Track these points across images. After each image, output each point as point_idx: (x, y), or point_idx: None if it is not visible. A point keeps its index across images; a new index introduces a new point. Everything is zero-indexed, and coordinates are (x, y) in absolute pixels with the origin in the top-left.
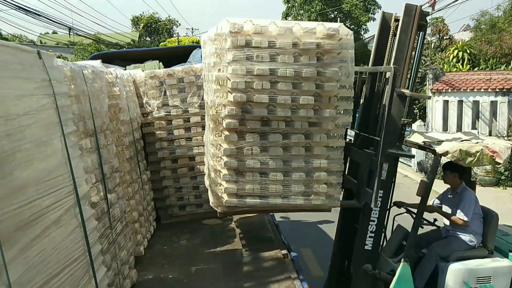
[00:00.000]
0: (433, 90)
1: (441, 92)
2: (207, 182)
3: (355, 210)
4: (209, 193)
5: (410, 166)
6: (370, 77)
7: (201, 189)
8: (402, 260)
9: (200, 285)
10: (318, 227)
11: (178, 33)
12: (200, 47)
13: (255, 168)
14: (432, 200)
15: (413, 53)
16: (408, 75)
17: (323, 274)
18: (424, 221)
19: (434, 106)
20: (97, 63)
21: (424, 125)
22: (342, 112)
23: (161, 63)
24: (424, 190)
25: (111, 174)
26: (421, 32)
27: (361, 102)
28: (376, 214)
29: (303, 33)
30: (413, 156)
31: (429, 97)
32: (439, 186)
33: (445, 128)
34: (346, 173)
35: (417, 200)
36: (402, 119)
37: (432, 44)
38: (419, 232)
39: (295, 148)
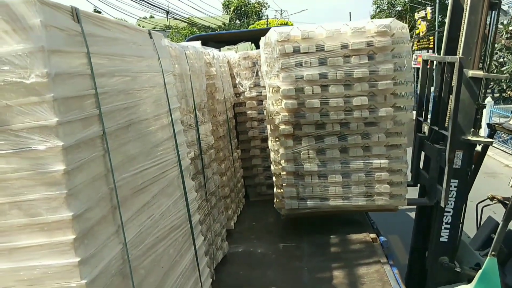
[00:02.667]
0: None
1: None
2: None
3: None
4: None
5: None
6: (440, 66)
7: None
8: (489, 254)
9: (288, 261)
10: (406, 214)
11: (267, 16)
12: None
13: (313, 171)
14: None
15: (487, 32)
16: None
17: None
18: None
19: None
20: (197, 44)
21: None
22: (403, 108)
23: (253, 44)
24: None
25: (207, 150)
26: (493, 12)
27: (432, 93)
28: (452, 204)
29: (352, 34)
30: (491, 143)
31: (507, 77)
32: None
33: None
34: (421, 168)
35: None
36: (477, 102)
37: None
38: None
39: (352, 149)
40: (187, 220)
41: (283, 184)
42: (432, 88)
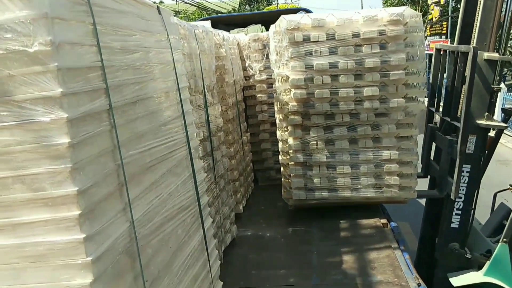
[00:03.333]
0: None
1: None
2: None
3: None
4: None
5: None
6: (453, 55)
7: None
8: (501, 240)
9: (297, 245)
10: (416, 201)
11: (277, 1)
12: (304, 10)
13: (322, 162)
14: None
15: (502, 18)
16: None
17: None
18: None
19: None
20: (207, 23)
21: None
22: (414, 98)
23: (263, 27)
24: None
25: (216, 132)
26: None
27: (444, 83)
28: (463, 190)
29: (364, 22)
30: (505, 127)
31: None
32: None
33: None
34: (432, 159)
35: None
36: (492, 86)
37: None
38: None
39: (362, 140)
40: (195, 201)
41: (291, 175)
42: (445, 78)
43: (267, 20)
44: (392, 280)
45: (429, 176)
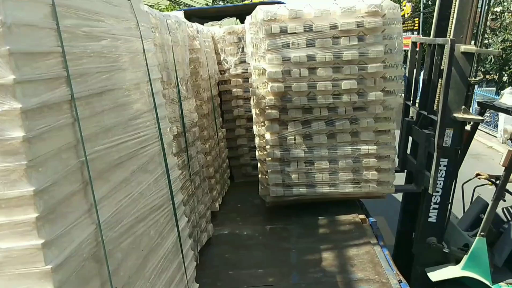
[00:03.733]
0: None
1: None
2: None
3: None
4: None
5: (496, 136)
6: (429, 48)
7: None
8: (478, 234)
9: (275, 243)
10: (392, 196)
11: None
12: (281, 2)
13: (300, 157)
14: None
15: (479, 7)
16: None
17: None
18: (508, 194)
19: None
20: (180, 14)
21: None
22: (392, 92)
23: (238, 20)
24: (510, 160)
25: (190, 128)
26: None
27: (420, 76)
28: (441, 184)
29: (342, 13)
30: (482, 121)
31: (499, 53)
32: None
33: None
34: (408, 153)
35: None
36: (469, 78)
37: None
38: (500, 206)
39: (340, 135)
40: (169, 200)
41: (268, 171)
42: (421, 71)
43: (242, 13)
44: (373, 277)
45: (405, 171)
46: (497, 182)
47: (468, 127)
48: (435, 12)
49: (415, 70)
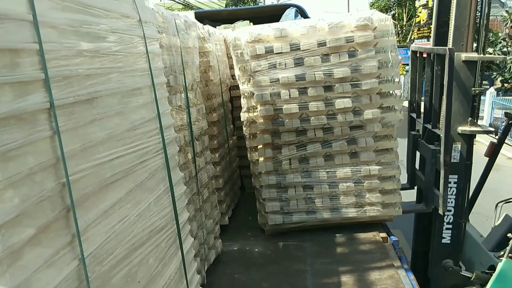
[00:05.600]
0: None
1: None
2: None
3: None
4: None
5: None
6: (429, 58)
7: None
8: (506, 255)
9: (289, 263)
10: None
11: (264, 1)
12: (293, 6)
13: (297, 182)
14: None
15: (478, 11)
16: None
17: None
18: None
19: None
20: (190, 14)
21: None
22: (391, 108)
23: (251, 23)
24: None
25: (199, 137)
26: None
27: (423, 87)
28: (452, 202)
29: (329, 30)
30: (491, 132)
31: (503, 58)
32: None
33: None
34: (417, 168)
35: None
36: (473, 88)
37: None
38: None
39: (338, 156)
40: (173, 220)
41: (265, 198)
42: (423, 82)
43: (256, 15)
44: None
45: (416, 187)
46: None
47: (494, 139)
48: (433, 18)
49: (417, 81)
